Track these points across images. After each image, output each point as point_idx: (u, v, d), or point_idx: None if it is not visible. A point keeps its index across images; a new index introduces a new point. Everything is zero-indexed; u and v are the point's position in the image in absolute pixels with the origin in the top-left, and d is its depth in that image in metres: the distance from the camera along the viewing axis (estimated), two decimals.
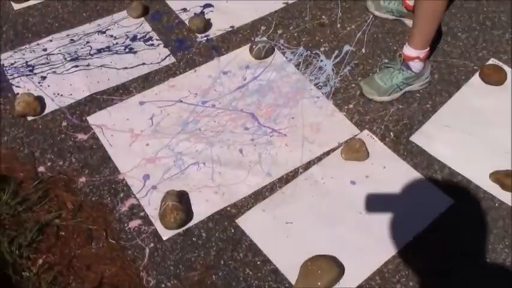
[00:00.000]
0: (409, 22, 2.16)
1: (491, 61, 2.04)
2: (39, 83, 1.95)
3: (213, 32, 2.16)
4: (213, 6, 2.27)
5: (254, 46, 2.02)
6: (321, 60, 2.04)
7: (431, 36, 1.79)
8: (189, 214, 1.59)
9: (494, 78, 1.95)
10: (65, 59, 2.04)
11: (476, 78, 1.99)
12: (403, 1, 2.12)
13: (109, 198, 1.65)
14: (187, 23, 2.18)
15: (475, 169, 1.71)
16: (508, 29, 2.18)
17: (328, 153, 1.75)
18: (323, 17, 2.24)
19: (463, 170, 1.71)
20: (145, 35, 2.14)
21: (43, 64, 2.02)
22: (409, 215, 1.60)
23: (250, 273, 1.49)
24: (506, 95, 1.93)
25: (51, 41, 2.11)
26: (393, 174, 1.70)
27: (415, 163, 1.73)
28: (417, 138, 1.80)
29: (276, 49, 2.08)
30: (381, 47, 2.11)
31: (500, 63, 2.02)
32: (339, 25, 2.19)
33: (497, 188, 1.66)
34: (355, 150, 1.71)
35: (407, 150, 1.76)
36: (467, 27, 2.19)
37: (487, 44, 2.12)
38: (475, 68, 2.03)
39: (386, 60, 2.03)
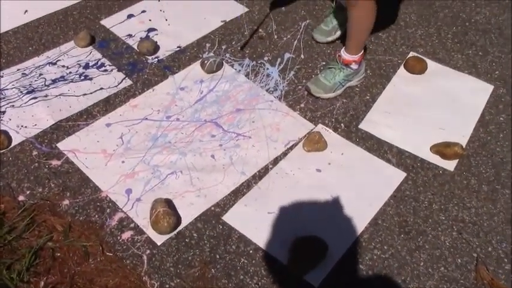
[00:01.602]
0: None
1: (411, 54, 2.35)
2: None
3: (162, 53, 2.29)
4: (156, 29, 2.40)
5: (206, 61, 2.17)
6: (267, 68, 2.24)
7: (364, 43, 2.06)
8: (178, 218, 1.69)
9: (417, 68, 2.25)
10: (21, 92, 2.06)
11: (402, 70, 2.29)
12: None
13: (96, 216, 1.71)
14: (135, 47, 2.29)
15: (417, 145, 1.97)
16: (419, 26, 2.52)
17: (291, 148, 1.94)
18: (260, 30, 2.45)
19: (407, 147, 1.97)
20: (97, 62, 2.22)
21: None
22: (371, 190, 1.82)
23: (246, 261, 1.63)
24: (429, 81, 2.24)
25: (1, 76, 2.13)
26: (351, 158, 1.92)
27: (367, 147, 1.96)
28: (364, 125, 2.04)
29: (224, 63, 2.25)
30: (316, 51, 2.35)
31: (418, 55, 2.34)
32: (275, 36, 2.41)
33: (439, 158, 1.93)
34: (315, 142, 1.91)
35: (358, 137, 2.00)
36: (386, 28, 2.50)
37: (404, 41, 2.44)
38: (398, 61, 2.33)
39: (324, 63, 2.27)
